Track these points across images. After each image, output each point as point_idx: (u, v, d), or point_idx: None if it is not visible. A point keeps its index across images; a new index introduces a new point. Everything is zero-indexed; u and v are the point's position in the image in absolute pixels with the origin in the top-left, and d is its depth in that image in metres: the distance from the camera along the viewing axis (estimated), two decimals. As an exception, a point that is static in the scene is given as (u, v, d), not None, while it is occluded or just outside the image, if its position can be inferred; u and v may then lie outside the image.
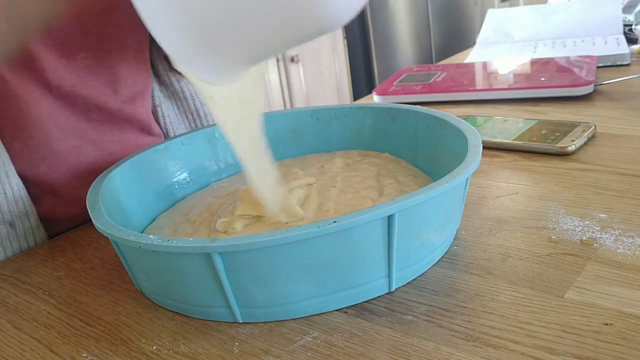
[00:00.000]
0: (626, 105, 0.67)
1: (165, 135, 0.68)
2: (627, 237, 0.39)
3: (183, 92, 0.69)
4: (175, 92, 0.69)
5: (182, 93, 0.69)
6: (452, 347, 0.31)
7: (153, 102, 0.67)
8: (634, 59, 0.87)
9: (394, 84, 0.85)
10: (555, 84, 0.73)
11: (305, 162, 0.55)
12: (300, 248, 0.33)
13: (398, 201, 0.34)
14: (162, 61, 0.68)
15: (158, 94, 0.68)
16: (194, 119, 0.71)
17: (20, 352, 0.37)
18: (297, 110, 0.57)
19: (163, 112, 0.68)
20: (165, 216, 0.49)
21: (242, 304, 0.36)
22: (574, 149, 0.54)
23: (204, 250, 0.33)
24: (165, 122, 0.68)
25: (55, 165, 0.55)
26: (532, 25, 1.07)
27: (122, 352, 0.35)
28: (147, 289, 0.40)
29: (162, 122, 0.68)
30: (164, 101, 0.68)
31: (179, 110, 0.70)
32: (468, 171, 0.38)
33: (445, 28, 3.10)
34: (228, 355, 0.34)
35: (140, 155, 0.50)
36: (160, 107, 0.67)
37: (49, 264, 0.49)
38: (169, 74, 0.68)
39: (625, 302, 0.33)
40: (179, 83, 0.69)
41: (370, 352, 0.32)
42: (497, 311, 0.34)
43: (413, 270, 0.38)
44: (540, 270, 0.37)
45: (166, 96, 0.69)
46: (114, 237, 0.37)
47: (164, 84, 0.69)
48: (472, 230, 0.43)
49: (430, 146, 0.49)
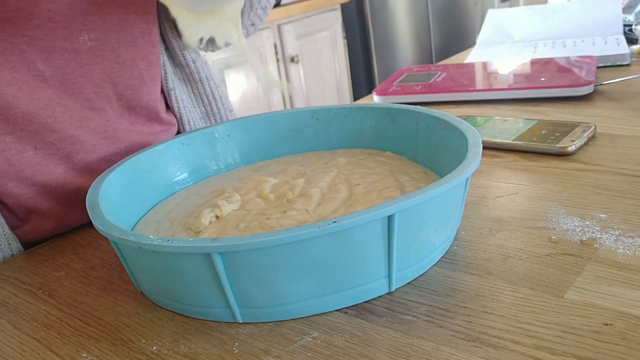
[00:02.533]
0: (626, 105, 0.67)
1: (178, 120, 0.67)
2: (627, 237, 0.39)
3: (199, 74, 0.68)
4: (190, 73, 0.68)
5: (198, 74, 0.68)
6: (452, 347, 0.31)
7: (167, 86, 0.66)
8: (634, 59, 0.87)
9: (394, 84, 0.85)
10: (555, 84, 0.73)
11: (307, 159, 0.55)
12: (300, 248, 0.33)
13: (398, 201, 0.34)
14: (177, 40, 0.67)
15: (172, 77, 0.66)
16: (209, 102, 0.69)
17: (20, 352, 0.37)
18: (297, 111, 0.57)
19: (177, 95, 0.66)
20: (152, 213, 0.49)
21: (242, 304, 0.36)
22: (574, 149, 0.54)
23: (204, 250, 0.33)
24: (179, 107, 0.66)
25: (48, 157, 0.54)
26: (532, 25, 1.07)
27: (122, 352, 0.35)
28: (147, 289, 0.40)
29: (175, 107, 0.66)
30: (178, 85, 0.67)
31: (194, 94, 0.69)
32: (468, 171, 0.38)
33: (445, 28, 3.10)
34: (228, 355, 0.34)
35: (140, 156, 0.50)
36: (173, 90, 0.66)
37: (49, 264, 0.49)
38: (184, 53, 0.67)
39: (625, 302, 0.33)
40: (195, 64, 0.68)
41: (370, 353, 0.32)
42: (497, 311, 0.34)
43: (413, 270, 0.38)
44: (540, 271, 0.37)
45: (180, 79, 0.68)
46: (114, 237, 0.37)
47: (179, 65, 0.67)
48: (472, 230, 0.43)
49: (430, 146, 0.49)
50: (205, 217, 0.43)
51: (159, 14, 0.64)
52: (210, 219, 0.44)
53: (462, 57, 1.03)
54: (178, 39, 0.66)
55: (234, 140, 0.56)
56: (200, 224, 0.43)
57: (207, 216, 0.43)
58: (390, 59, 2.84)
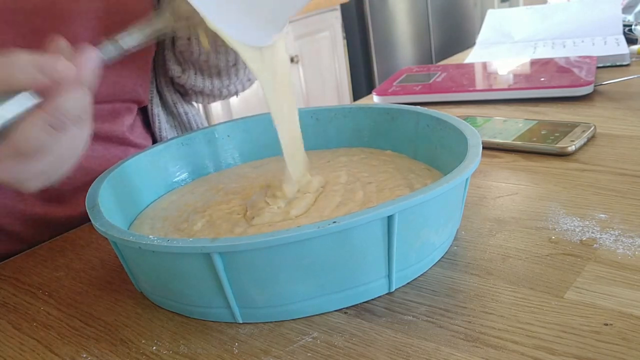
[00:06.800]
0: (626, 105, 0.67)
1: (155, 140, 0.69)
2: (627, 238, 0.39)
3: (190, 124, 0.72)
4: (182, 123, 0.72)
5: (189, 124, 0.72)
6: (452, 348, 0.31)
7: (159, 134, 0.69)
8: (634, 59, 0.87)
9: (394, 84, 0.85)
10: (555, 84, 0.73)
11: (307, 157, 0.55)
12: (300, 248, 0.33)
13: (398, 201, 0.34)
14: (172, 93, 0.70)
15: (164, 125, 0.70)
16: None
17: (20, 352, 0.37)
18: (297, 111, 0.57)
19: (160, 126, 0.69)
20: (148, 210, 0.49)
21: (242, 304, 0.36)
22: (574, 149, 0.54)
23: (204, 251, 0.33)
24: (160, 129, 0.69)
25: None
26: (532, 26, 1.07)
27: (121, 353, 0.35)
28: (147, 290, 0.40)
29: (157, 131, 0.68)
30: (170, 132, 0.71)
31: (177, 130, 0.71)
32: (468, 171, 0.38)
33: (445, 28, 3.10)
34: (228, 355, 0.34)
35: (140, 156, 0.50)
36: (166, 138, 0.68)
37: (48, 264, 0.49)
38: (177, 105, 0.70)
39: (625, 302, 0.33)
40: (187, 115, 0.71)
41: (370, 353, 0.32)
42: (497, 311, 0.34)
43: (413, 270, 0.38)
44: (540, 271, 0.37)
45: (173, 126, 0.71)
46: (114, 237, 0.37)
47: (172, 114, 0.71)
48: (472, 230, 0.43)
49: (430, 146, 0.49)
50: (196, 224, 0.43)
51: (156, 70, 0.68)
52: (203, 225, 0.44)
53: (462, 58, 1.03)
54: (172, 92, 0.70)
55: (233, 141, 0.56)
56: None
57: (199, 223, 0.44)
58: (390, 59, 2.84)
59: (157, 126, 0.68)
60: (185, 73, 0.66)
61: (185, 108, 0.71)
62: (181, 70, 0.66)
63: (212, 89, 0.67)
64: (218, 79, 0.66)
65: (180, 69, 0.66)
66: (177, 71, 0.66)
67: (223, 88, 0.68)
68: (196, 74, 0.66)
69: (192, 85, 0.67)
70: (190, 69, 0.65)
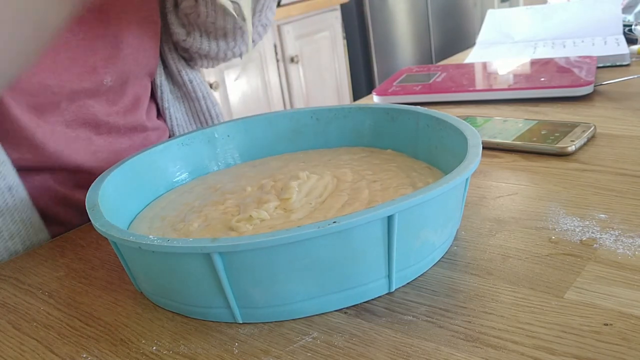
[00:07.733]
0: (626, 105, 0.67)
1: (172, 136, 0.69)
2: (627, 238, 0.39)
3: (195, 93, 0.70)
4: (187, 92, 0.70)
5: (195, 93, 0.70)
6: (452, 348, 0.31)
7: (162, 105, 0.68)
8: (634, 59, 0.87)
9: (394, 84, 0.85)
10: (555, 84, 0.73)
11: (308, 156, 0.55)
12: (300, 248, 0.33)
13: (398, 201, 0.34)
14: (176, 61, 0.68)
15: (168, 96, 0.68)
16: (206, 120, 0.71)
17: (20, 352, 0.37)
18: (297, 111, 0.57)
19: (171, 114, 0.68)
20: (147, 210, 0.49)
21: (242, 304, 0.36)
22: (574, 149, 0.54)
23: (204, 251, 0.33)
24: (172, 125, 0.68)
25: None
26: (532, 26, 1.07)
27: (121, 353, 0.35)
28: (147, 290, 0.40)
29: (169, 124, 0.68)
30: (173, 103, 0.69)
31: (190, 112, 0.71)
32: (468, 171, 0.38)
33: (445, 28, 3.10)
34: (228, 355, 0.34)
35: (140, 156, 0.50)
36: (168, 109, 0.68)
37: (48, 264, 0.49)
38: (182, 73, 0.69)
39: (625, 302, 0.33)
40: (192, 83, 0.70)
41: (370, 353, 0.32)
42: (497, 311, 0.34)
43: (413, 270, 0.38)
44: (540, 271, 0.37)
45: (177, 97, 0.70)
46: (114, 237, 0.37)
47: (177, 84, 0.69)
48: (472, 230, 0.43)
49: (430, 146, 0.49)
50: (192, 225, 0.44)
51: (160, 36, 0.67)
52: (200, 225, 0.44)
53: (462, 58, 1.03)
54: (177, 59, 0.69)
55: (233, 141, 0.56)
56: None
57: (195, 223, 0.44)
58: (390, 59, 2.84)
59: (160, 96, 0.68)
60: (190, 36, 0.65)
61: (190, 76, 0.70)
62: (186, 33, 0.65)
63: (217, 51, 0.67)
64: (224, 40, 0.66)
65: (185, 32, 0.65)
66: (182, 34, 0.65)
67: (228, 50, 0.68)
68: (202, 36, 0.65)
69: (198, 49, 0.66)
70: (195, 31, 0.65)
